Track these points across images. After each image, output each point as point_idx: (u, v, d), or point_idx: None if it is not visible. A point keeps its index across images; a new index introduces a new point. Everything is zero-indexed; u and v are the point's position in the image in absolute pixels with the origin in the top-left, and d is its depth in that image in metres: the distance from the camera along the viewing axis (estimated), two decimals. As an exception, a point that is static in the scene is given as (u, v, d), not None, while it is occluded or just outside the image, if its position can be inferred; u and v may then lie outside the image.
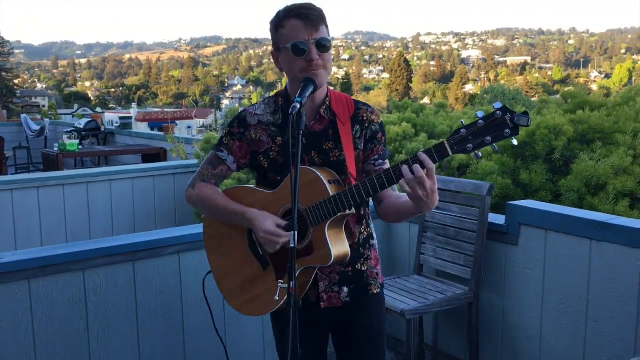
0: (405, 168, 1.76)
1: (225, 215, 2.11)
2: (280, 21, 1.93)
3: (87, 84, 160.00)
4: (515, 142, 1.70)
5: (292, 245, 1.72)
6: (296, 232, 1.73)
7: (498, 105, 1.68)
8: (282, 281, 1.93)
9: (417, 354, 3.33)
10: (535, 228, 2.96)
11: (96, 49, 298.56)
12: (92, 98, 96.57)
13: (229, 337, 3.18)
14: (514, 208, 3.06)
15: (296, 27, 1.89)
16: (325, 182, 1.92)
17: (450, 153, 1.74)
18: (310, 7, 1.90)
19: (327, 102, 2.03)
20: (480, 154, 1.75)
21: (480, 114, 1.71)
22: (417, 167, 1.74)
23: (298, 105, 1.79)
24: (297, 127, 1.79)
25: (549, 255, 2.90)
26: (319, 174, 1.93)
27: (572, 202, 4.70)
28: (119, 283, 2.93)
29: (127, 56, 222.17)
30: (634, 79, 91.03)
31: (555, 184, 5.30)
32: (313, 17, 1.88)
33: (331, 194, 1.90)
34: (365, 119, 2.05)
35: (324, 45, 1.91)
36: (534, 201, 3.28)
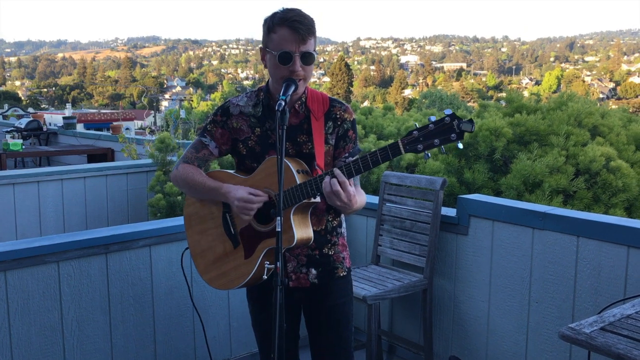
0: (325, 181, 1.99)
1: (202, 192, 2.29)
2: (273, 25, 2.10)
3: (17, 83, 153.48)
4: (460, 145, 1.89)
5: (279, 230, 1.91)
6: (281, 217, 1.91)
7: (448, 111, 1.88)
8: (268, 262, 2.11)
9: (376, 340, 3.56)
10: (483, 219, 3.25)
11: (27, 46, 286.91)
12: (22, 98, 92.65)
13: (197, 318, 3.32)
14: (464, 201, 3.34)
15: (286, 37, 2.06)
16: (294, 171, 2.12)
17: (403, 152, 1.93)
18: (301, 21, 2.06)
19: (303, 99, 2.23)
20: (429, 154, 1.94)
21: (432, 118, 1.91)
22: (333, 181, 1.98)
23: (283, 103, 1.98)
24: (280, 123, 1.98)
25: (496, 244, 3.19)
26: (289, 163, 2.13)
27: (511, 198, 5.06)
28: (92, 274, 3.02)
29: (60, 55, 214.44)
30: (562, 85, 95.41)
31: (496, 182, 5.69)
32: (302, 31, 2.05)
33: (298, 182, 2.09)
34: (338, 116, 2.25)
35: (308, 58, 2.10)
36: (482, 195, 3.57)
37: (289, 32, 2.06)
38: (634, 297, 2.19)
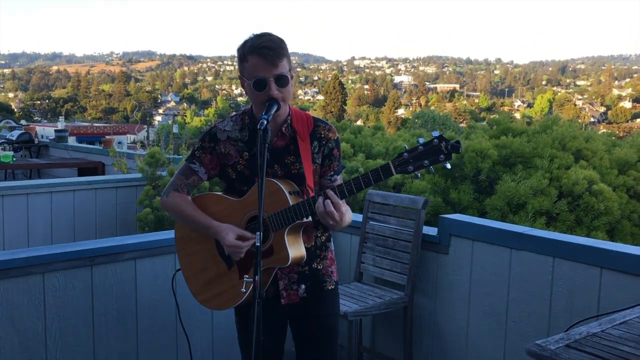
0: (319, 202, 2.09)
1: (193, 225, 2.36)
2: (244, 55, 2.17)
3: (11, 95, 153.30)
4: (448, 166, 2.01)
5: (258, 244, 1.97)
6: (261, 233, 1.97)
7: (436, 133, 1.98)
8: (247, 276, 2.17)
9: (357, 356, 3.60)
10: (463, 238, 3.32)
11: (21, 59, 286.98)
12: (15, 110, 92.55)
13: (180, 333, 3.35)
14: (445, 221, 3.41)
15: (258, 64, 2.13)
16: (286, 193, 2.18)
17: (394, 173, 2.02)
18: (270, 46, 2.12)
19: (289, 121, 2.30)
20: (419, 174, 2.04)
21: (421, 140, 2.00)
22: (327, 202, 2.07)
23: (265, 122, 2.05)
24: (263, 141, 2.04)
25: (475, 263, 3.25)
26: (280, 185, 2.19)
27: (495, 219, 5.14)
28: (77, 286, 3.06)
29: (55, 68, 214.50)
30: (553, 108, 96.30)
31: (481, 202, 5.77)
32: (272, 56, 2.12)
33: (291, 204, 2.15)
34: (322, 136, 2.32)
35: (282, 80, 2.16)
36: (462, 215, 3.65)
37: (259, 59, 2.12)
38: (601, 315, 2.25)
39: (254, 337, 1.93)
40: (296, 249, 2.22)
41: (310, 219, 2.21)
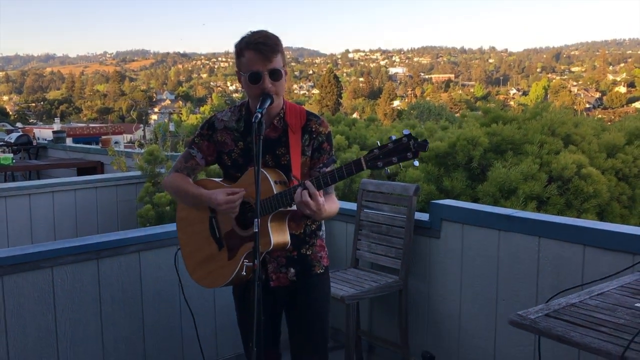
0: (297, 191, 2.19)
1: (187, 198, 2.51)
2: (241, 50, 2.30)
3: (5, 97, 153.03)
4: (416, 163, 2.09)
5: (256, 230, 2.10)
6: (259, 219, 2.10)
7: (406, 132, 2.07)
8: (247, 260, 2.30)
9: (355, 339, 3.74)
10: (454, 222, 3.45)
11: (15, 61, 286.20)
12: (10, 113, 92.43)
13: (184, 321, 3.49)
14: (436, 206, 3.54)
15: (253, 59, 2.27)
16: (272, 182, 2.31)
17: (365, 168, 2.13)
18: (265, 42, 2.26)
19: (281, 114, 2.42)
20: (388, 170, 2.13)
21: (393, 138, 2.10)
22: (304, 192, 2.17)
23: (259, 115, 2.18)
24: (258, 133, 2.17)
25: (465, 245, 3.39)
26: (267, 174, 2.32)
27: (488, 205, 5.27)
28: (84, 279, 3.19)
29: (49, 69, 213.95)
30: (548, 95, 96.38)
31: (473, 189, 5.90)
32: (266, 51, 2.25)
33: (275, 193, 2.28)
34: (313, 129, 2.44)
35: (275, 75, 2.29)
36: (452, 200, 3.78)
37: (255, 54, 2.26)
38: (585, 284, 2.39)
39: (255, 318, 2.06)
40: (279, 235, 2.33)
41: (294, 207, 2.33)
